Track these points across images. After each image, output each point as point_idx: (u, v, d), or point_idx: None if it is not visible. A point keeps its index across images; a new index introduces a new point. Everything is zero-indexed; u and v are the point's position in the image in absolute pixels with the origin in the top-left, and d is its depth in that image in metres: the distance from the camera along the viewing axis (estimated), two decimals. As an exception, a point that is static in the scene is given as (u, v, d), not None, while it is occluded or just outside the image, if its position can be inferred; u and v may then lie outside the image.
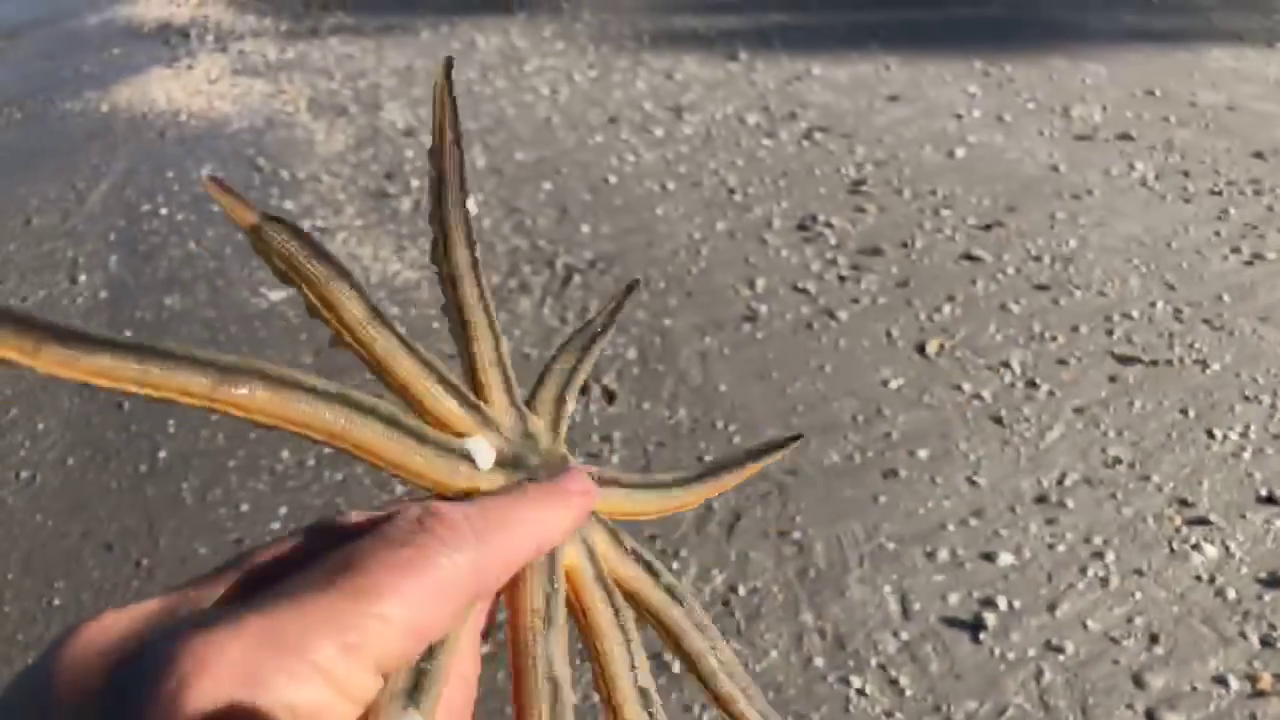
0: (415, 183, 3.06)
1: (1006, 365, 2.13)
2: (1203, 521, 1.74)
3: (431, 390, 0.34)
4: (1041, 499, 1.79)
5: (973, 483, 1.83)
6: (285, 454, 1.97)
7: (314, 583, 0.25)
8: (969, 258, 2.53)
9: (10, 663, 1.59)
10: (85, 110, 3.75)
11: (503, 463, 0.35)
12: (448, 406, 0.35)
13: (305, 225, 2.82)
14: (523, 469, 0.35)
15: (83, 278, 2.61)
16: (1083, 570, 1.65)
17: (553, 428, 0.37)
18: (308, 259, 0.33)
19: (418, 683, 0.27)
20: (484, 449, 0.35)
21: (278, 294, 2.48)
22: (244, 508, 1.86)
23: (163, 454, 2.00)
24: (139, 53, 4.39)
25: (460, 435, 0.35)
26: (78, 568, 1.76)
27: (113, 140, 3.47)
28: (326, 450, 1.96)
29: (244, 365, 0.30)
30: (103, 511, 1.87)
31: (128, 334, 2.37)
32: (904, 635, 1.54)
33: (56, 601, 1.69)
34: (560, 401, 0.38)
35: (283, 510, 1.84)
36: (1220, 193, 2.81)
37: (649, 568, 0.36)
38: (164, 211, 2.93)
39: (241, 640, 0.23)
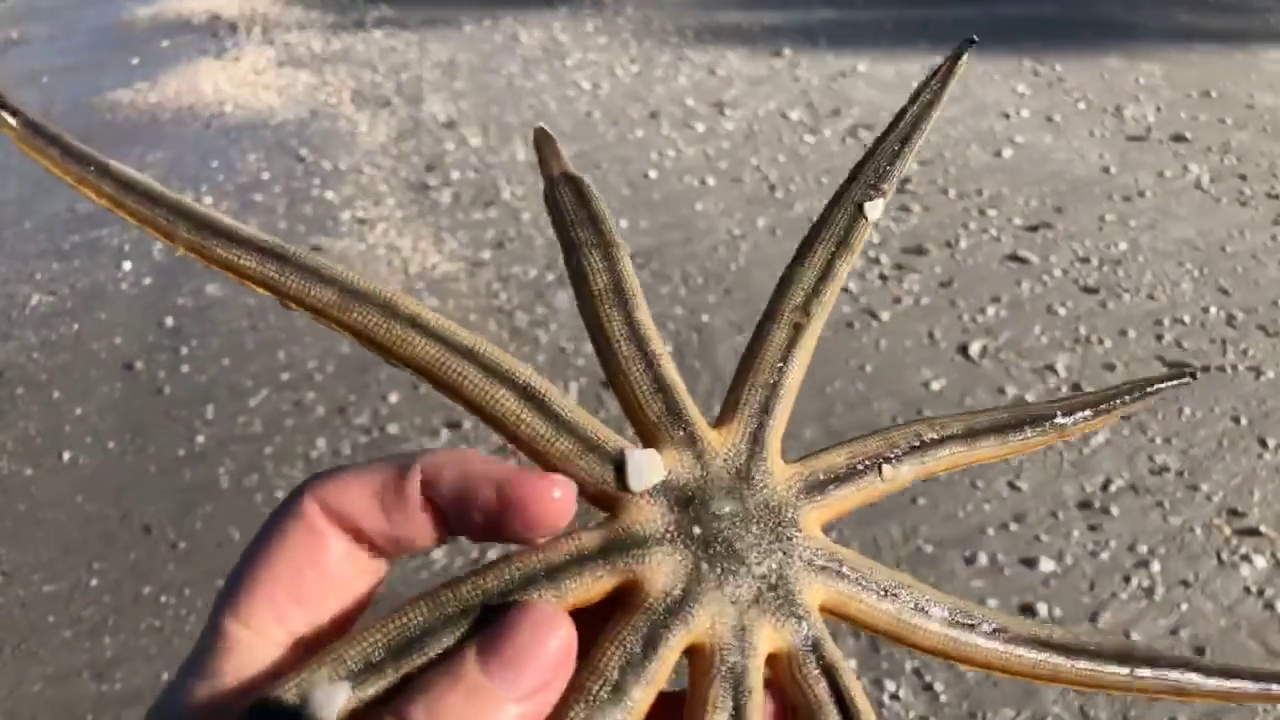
0: (456, 175, 3.06)
1: (1051, 369, 2.08)
2: (1253, 533, 1.69)
3: (641, 381, 0.31)
4: (1085, 505, 1.75)
5: (1014, 487, 1.79)
6: (321, 442, 1.98)
7: None
8: (1015, 259, 2.48)
9: (47, 644, 1.61)
10: (133, 101, 3.80)
11: (677, 495, 0.29)
12: (652, 407, 0.31)
13: (345, 216, 2.84)
14: (701, 517, 0.29)
15: (127, 265, 2.65)
16: (1126, 579, 1.61)
17: (796, 487, 0.30)
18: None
19: None
20: (648, 464, 0.29)
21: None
22: (279, 494, 1.86)
23: (200, 439, 2.01)
24: (187, 45, 4.45)
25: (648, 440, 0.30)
26: (115, 549, 1.77)
27: (159, 130, 3.51)
28: (362, 440, 1.97)
29: (371, 292, 0.30)
30: (141, 494, 1.89)
31: (169, 321, 2.40)
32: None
33: (94, 583, 1.71)
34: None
35: (317, 498, 1.84)
36: (1277, 197, 2.74)
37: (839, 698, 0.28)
38: (208, 200, 2.96)
39: None
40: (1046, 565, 1.63)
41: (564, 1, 4.90)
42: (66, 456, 2.00)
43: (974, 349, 2.15)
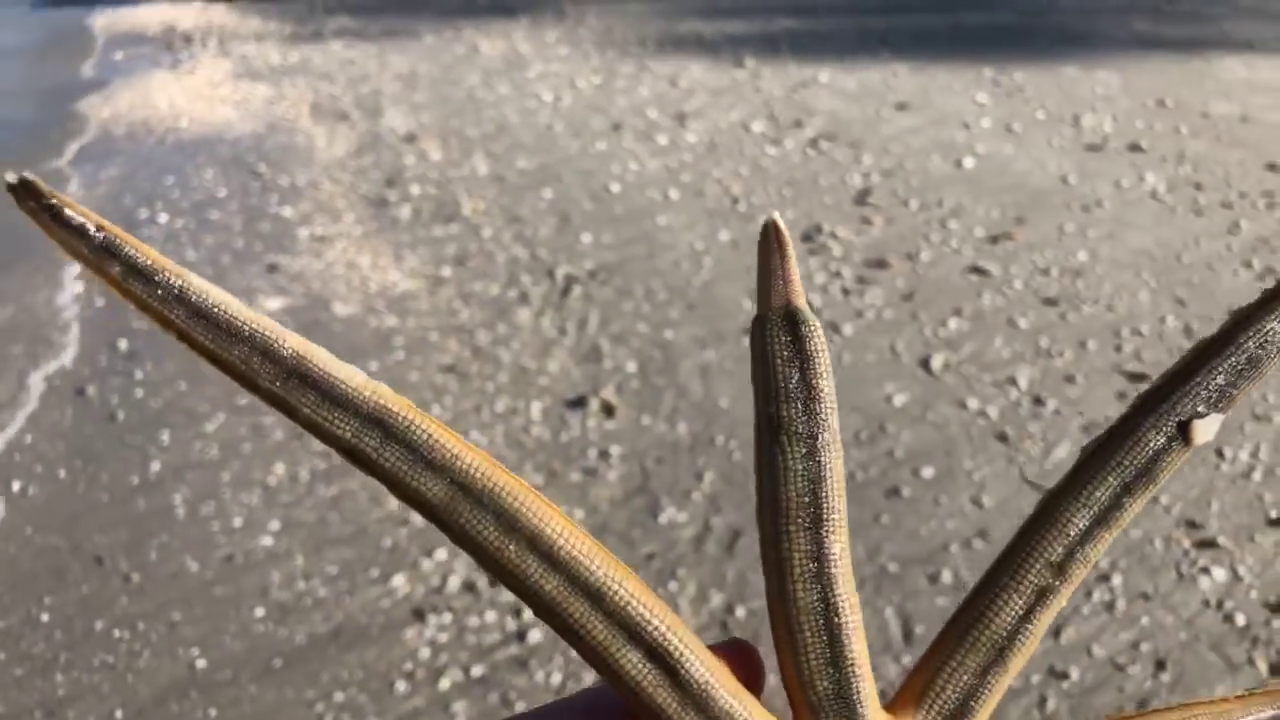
0: (415, 189, 3.03)
1: (1013, 382, 2.09)
2: (1211, 544, 1.70)
3: (813, 645, 0.26)
4: (1047, 520, 1.75)
5: (977, 503, 1.79)
6: (279, 467, 1.95)
7: None
8: (976, 270, 2.49)
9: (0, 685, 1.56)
10: (86, 115, 3.73)
11: None
12: (815, 685, 0.26)
13: (303, 233, 2.80)
14: None
15: (79, 286, 2.59)
16: (1088, 594, 1.62)
17: None
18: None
19: None
20: None
21: (274, 302, 2.46)
22: (236, 522, 1.83)
23: (155, 466, 1.97)
24: (142, 57, 4.38)
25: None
26: (66, 582, 1.73)
27: (112, 145, 3.45)
28: (321, 465, 1.94)
29: (488, 492, 0.25)
30: (93, 524, 1.85)
31: (123, 344, 2.35)
32: (905, 660, 1.51)
33: (45, 618, 1.67)
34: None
35: (275, 525, 1.81)
36: (1232, 206, 2.77)
37: None
38: (162, 218, 2.91)
39: None
40: (1009, 582, 1.63)
41: (525, 11, 4.88)
42: (16, 486, 1.95)
43: (936, 362, 2.16)
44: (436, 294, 2.49)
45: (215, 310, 0.25)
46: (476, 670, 1.51)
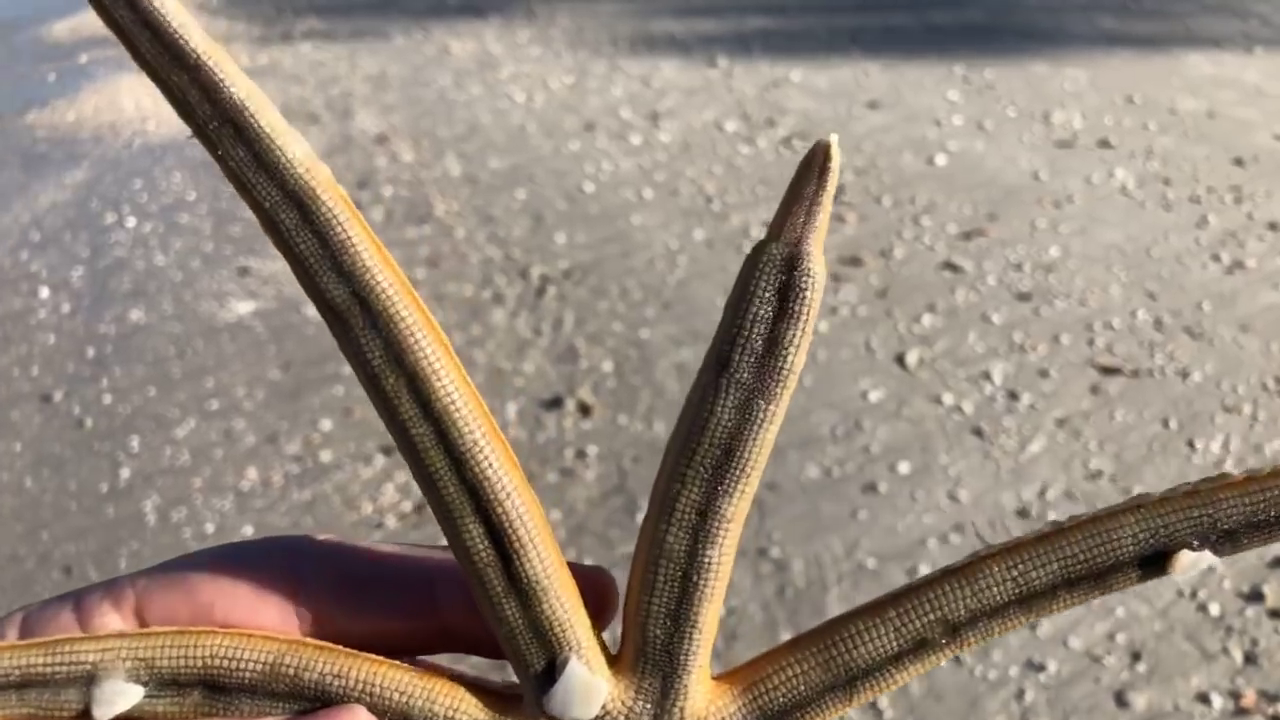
0: (388, 191, 3.01)
1: (987, 376, 2.10)
2: (1185, 535, 1.71)
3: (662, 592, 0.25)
4: (1023, 513, 1.76)
5: (953, 497, 1.80)
6: (252, 472, 1.92)
7: None
8: (949, 267, 2.50)
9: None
10: (51, 119, 3.68)
11: None
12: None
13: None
14: None
15: (45, 292, 2.55)
16: (1065, 587, 1.62)
17: None
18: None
19: None
20: (583, 690, 0.24)
21: (245, 306, 2.43)
22: (209, 528, 1.81)
23: (125, 473, 1.95)
24: (107, 60, 4.33)
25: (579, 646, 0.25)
26: (33, 593, 1.70)
27: (78, 149, 3.41)
28: (294, 470, 1.92)
29: (384, 309, 0.24)
30: (61, 533, 1.82)
31: (90, 351, 2.32)
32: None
33: (11, 628, 1.64)
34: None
35: (249, 530, 1.79)
36: (1200, 200, 2.80)
37: None
38: (130, 223, 2.87)
39: None
40: (986, 576, 1.64)
41: (495, 12, 4.86)
42: (-18, 495, 1.91)
43: (910, 358, 2.16)
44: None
45: (166, 25, 0.23)
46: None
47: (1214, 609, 1.57)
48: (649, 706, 0.25)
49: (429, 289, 2.49)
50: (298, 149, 0.24)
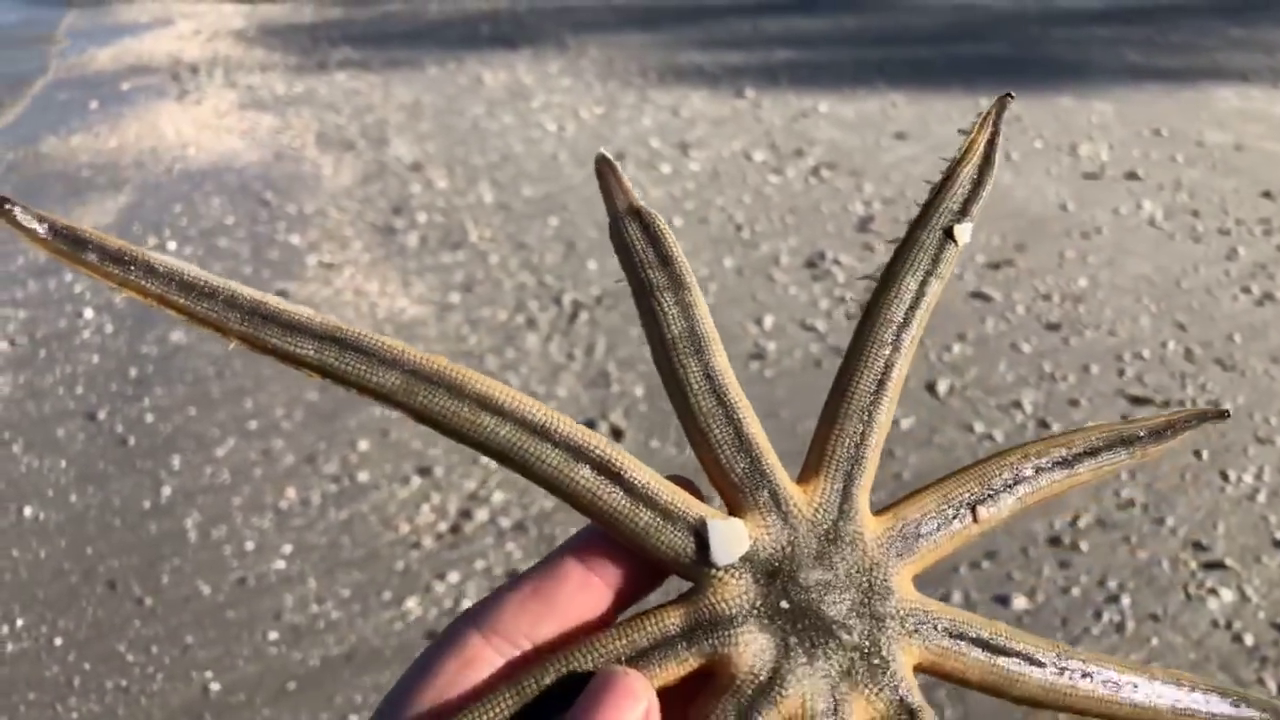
0: (422, 217, 3.06)
1: (1018, 405, 2.11)
2: (1219, 565, 1.71)
3: (723, 439, 0.30)
4: (1055, 541, 1.77)
5: (985, 525, 1.80)
6: (291, 492, 1.96)
7: None
8: (979, 296, 2.52)
9: (13, 711, 1.56)
10: (94, 145, 3.77)
11: (763, 567, 0.28)
12: (735, 469, 0.29)
13: (311, 260, 2.82)
14: (788, 590, 0.28)
15: (89, 313, 2.61)
16: (1098, 614, 1.63)
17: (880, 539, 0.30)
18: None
19: None
20: (731, 536, 0.28)
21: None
22: (248, 545, 1.84)
23: (166, 490, 1.98)
24: (148, 88, 4.42)
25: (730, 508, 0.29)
26: (79, 607, 1.74)
27: (120, 175, 3.48)
28: (332, 489, 1.95)
29: (436, 373, 0.29)
30: (105, 549, 1.85)
31: (133, 371, 2.37)
32: (917, 679, 1.52)
33: (58, 641, 1.67)
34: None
35: (287, 549, 1.82)
36: (1229, 232, 2.81)
37: None
38: (171, 246, 2.93)
39: None
40: (1019, 602, 1.64)
41: (527, 43, 4.94)
42: (28, 511, 1.95)
43: (941, 387, 2.18)
44: (444, 320, 2.51)
45: (185, 276, 0.29)
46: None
47: (1249, 639, 1.57)
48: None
49: (463, 314, 2.53)
50: (308, 310, 0.30)
